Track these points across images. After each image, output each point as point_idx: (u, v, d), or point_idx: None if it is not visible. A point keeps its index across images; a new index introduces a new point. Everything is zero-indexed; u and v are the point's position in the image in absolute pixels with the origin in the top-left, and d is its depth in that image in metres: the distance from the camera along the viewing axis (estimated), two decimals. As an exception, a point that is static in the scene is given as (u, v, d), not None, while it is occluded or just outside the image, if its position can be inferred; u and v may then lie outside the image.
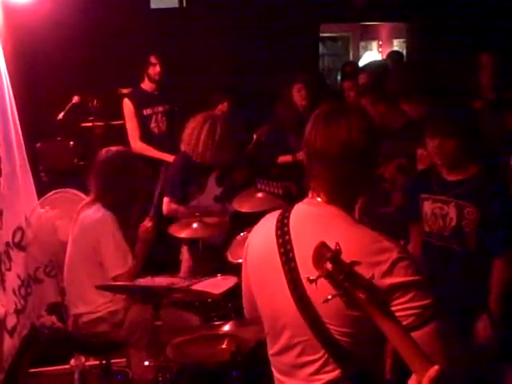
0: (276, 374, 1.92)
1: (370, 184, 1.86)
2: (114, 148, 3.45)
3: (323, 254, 1.49)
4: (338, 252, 1.48)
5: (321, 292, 1.55)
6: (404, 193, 3.41)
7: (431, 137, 2.87)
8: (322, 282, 1.50)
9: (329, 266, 1.47)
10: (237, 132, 4.09)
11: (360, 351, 1.73)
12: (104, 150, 3.43)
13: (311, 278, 1.52)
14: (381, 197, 3.53)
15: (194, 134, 4.01)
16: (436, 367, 1.37)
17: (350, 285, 1.46)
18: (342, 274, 1.46)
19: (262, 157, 5.08)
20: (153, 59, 5.31)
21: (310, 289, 1.69)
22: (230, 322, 2.85)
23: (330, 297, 1.50)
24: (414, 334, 1.56)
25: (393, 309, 1.58)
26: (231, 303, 3.10)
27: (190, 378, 2.72)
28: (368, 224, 1.79)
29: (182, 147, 4.13)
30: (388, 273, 1.64)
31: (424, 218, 3.00)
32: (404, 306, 1.62)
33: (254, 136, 5.07)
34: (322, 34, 8.50)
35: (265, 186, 3.09)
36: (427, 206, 2.97)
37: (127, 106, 5.34)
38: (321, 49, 9.41)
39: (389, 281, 1.63)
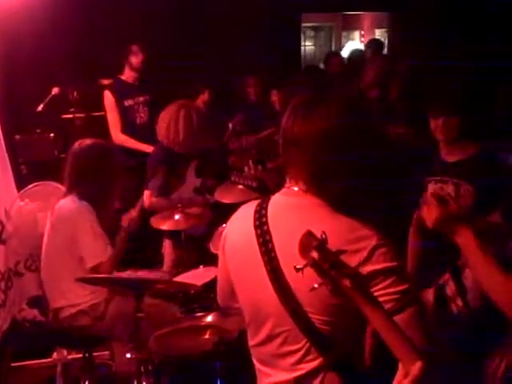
0: (257, 365, 1.91)
1: (348, 174, 1.81)
2: (88, 140, 3.45)
3: (309, 242, 1.49)
4: (324, 241, 1.48)
5: (306, 281, 1.54)
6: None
7: (435, 117, 2.90)
8: (307, 270, 1.50)
9: (315, 254, 1.47)
10: (211, 117, 4.09)
11: (341, 339, 1.74)
12: (78, 142, 3.43)
13: (298, 266, 1.51)
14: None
15: (172, 124, 3.99)
16: (419, 364, 1.38)
17: (336, 273, 1.47)
18: (328, 262, 1.47)
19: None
20: (134, 48, 5.27)
21: (292, 278, 1.69)
22: (213, 313, 2.85)
23: (316, 285, 1.51)
24: (395, 319, 1.56)
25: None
26: (213, 294, 3.09)
27: (173, 369, 2.71)
28: (347, 212, 1.78)
29: (160, 139, 4.11)
30: (368, 260, 1.65)
31: None
32: (383, 291, 1.63)
33: (230, 125, 5.05)
34: (304, 24, 8.51)
35: (239, 179, 3.08)
36: (431, 189, 3.01)
37: (108, 97, 5.29)
38: (302, 39, 9.41)
39: (369, 268, 1.64)
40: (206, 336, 2.75)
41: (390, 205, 3.48)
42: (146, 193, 4.03)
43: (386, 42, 8.34)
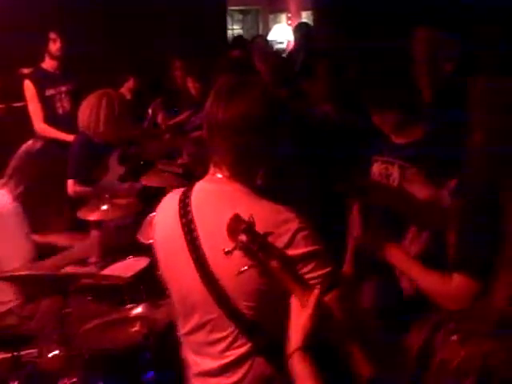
0: (188, 354, 1.92)
1: (271, 158, 1.85)
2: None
3: (237, 226, 1.52)
4: (251, 223, 1.51)
5: (231, 266, 1.58)
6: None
7: (372, 112, 2.91)
8: (233, 256, 1.52)
9: (243, 237, 1.49)
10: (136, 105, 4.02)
11: (268, 324, 1.75)
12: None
13: (227, 249, 1.54)
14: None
15: (93, 114, 3.92)
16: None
17: (264, 255, 1.49)
18: (256, 244, 1.49)
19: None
20: (52, 35, 5.16)
21: (217, 266, 1.70)
22: (142, 305, 2.83)
23: (245, 267, 1.53)
24: None
25: None
26: (143, 285, 3.06)
27: (103, 363, 2.68)
28: (270, 195, 1.79)
29: (80, 128, 4.04)
30: (289, 244, 1.66)
31: (372, 177, 3.07)
32: (305, 276, 1.65)
33: (149, 111, 5.01)
34: (231, 8, 8.47)
35: (165, 166, 3.08)
36: (376, 168, 3.05)
37: (28, 87, 5.17)
38: (230, 22, 9.38)
39: (291, 252, 1.65)
40: (136, 328, 2.73)
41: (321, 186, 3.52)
42: (70, 182, 3.95)
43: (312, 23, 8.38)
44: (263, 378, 1.78)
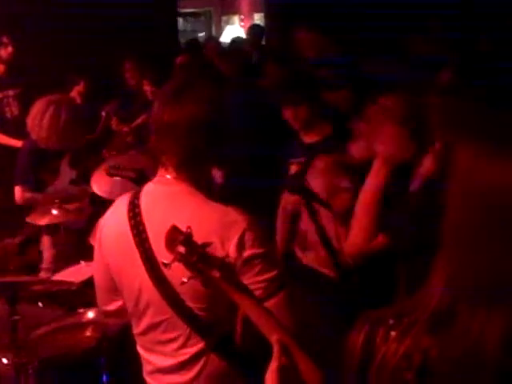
0: (142, 353, 1.92)
1: (217, 159, 1.88)
2: None
3: (175, 237, 1.51)
4: (189, 234, 1.50)
5: (177, 274, 1.57)
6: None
7: (284, 107, 3.00)
8: (178, 264, 1.51)
9: (181, 249, 1.49)
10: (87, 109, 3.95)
11: (220, 323, 1.77)
12: None
13: (165, 262, 1.54)
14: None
15: (37, 118, 3.85)
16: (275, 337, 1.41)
17: (204, 265, 1.49)
18: (194, 255, 1.49)
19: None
20: (4, 39, 5.08)
21: (166, 270, 1.69)
22: (94, 309, 2.79)
23: (185, 279, 1.52)
24: (264, 305, 1.62)
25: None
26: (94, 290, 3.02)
27: (56, 370, 2.63)
28: (218, 196, 1.80)
29: (28, 132, 3.98)
30: (236, 245, 1.67)
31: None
32: (251, 280, 1.66)
33: (103, 113, 4.94)
34: (183, 10, 8.44)
35: (116, 171, 3.03)
36: (292, 169, 3.10)
37: (-26, 91, 5.06)
38: (183, 25, 9.35)
39: (237, 254, 1.66)
40: (88, 333, 2.70)
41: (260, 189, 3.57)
42: (18, 189, 3.87)
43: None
44: (218, 375, 1.80)
